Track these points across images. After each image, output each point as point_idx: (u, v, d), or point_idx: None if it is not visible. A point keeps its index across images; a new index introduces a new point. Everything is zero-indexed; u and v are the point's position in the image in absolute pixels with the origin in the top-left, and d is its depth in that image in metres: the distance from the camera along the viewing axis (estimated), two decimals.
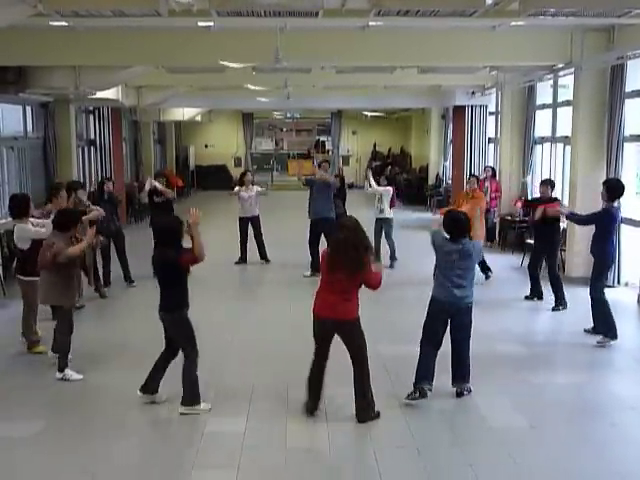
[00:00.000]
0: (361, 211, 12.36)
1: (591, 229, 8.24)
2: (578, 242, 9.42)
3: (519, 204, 13.35)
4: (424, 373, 6.16)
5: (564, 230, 10.53)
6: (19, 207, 7.69)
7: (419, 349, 6.25)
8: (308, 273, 11.26)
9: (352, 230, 5.72)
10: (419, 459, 5.21)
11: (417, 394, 6.08)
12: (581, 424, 5.87)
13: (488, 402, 6.25)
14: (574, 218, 8.87)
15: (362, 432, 5.68)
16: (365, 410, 5.81)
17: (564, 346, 8.06)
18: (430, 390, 6.13)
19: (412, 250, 12.78)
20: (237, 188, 12.84)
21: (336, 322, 5.74)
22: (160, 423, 5.91)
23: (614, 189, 8.05)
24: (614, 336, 7.82)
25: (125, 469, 5.11)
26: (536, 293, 9.84)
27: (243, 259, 12.64)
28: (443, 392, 6.36)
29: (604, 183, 8.34)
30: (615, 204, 8.09)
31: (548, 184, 9.85)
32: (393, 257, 12.18)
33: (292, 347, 7.71)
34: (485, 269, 11.03)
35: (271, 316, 9.19)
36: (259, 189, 13.00)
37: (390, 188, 12.37)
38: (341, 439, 5.58)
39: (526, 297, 9.89)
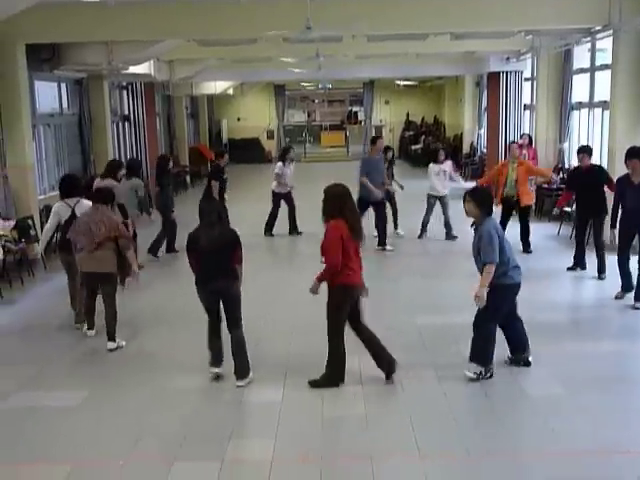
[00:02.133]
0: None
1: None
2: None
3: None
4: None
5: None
6: (72, 187, 7.97)
7: (493, 331, 6.05)
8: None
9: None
10: (455, 427, 5.22)
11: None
12: (618, 392, 5.82)
13: (525, 370, 6.22)
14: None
15: (398, 400, 5.72)
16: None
17: (602, 315, 7.96)
18: None
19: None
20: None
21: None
22: (198, 392, 6.01)
23: None
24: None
25: (166, 436, 5.22)
26: (580, 264, 9.59)
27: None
28: None
29: None
30: None
31: (585, 152, 9.55)
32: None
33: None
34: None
35: (305, 287, 9.23)
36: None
37: (448, 163, 12.23)
38: (377, 407, 5.63)
39: (568, 268, 9.63)
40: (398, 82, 27.45)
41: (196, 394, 5.99)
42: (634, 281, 8.06)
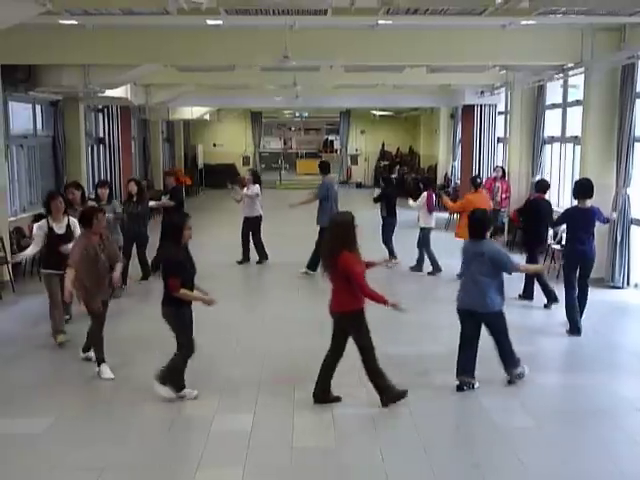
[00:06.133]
0: (363, 212, 12.33)
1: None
2: None
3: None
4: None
5: None
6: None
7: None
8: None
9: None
10: (425, 458, 5.19)
11: None
12: (588, 425, 5.83)
13: (495, 402, 6.23)
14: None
15: (368, 430, 5.67)
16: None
17: (571, 347, 8.02)
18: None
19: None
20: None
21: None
22: (166, 421, 5.90)
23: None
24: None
25: (132, 466, 5.12)
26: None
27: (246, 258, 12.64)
28: (449, 391, 6.37)
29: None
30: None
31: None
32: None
33: (298, 344, 7.72)
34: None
35: (276, 313, 9.18)
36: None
37: (424, 195, 11.90)
38: (347, 437, 5.58)
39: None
40: (374, 112, 27.72)
41: (163, 423, 5.88)
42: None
